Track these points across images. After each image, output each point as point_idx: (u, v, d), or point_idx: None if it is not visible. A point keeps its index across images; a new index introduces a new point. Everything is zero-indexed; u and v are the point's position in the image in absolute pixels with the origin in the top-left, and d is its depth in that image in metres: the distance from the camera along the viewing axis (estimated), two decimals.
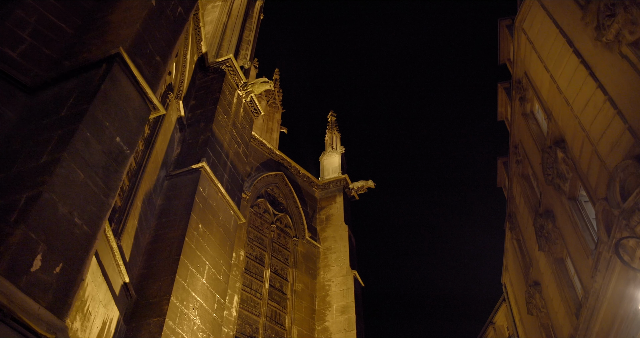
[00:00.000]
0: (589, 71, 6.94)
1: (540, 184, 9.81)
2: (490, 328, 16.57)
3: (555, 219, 9.05)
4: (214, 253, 10.82)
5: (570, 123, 7.76)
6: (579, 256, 8.00)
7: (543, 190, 9.68)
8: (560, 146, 8.30)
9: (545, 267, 9.94)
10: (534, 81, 9.37)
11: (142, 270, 9.68)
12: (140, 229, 9.90)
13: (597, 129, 6.93)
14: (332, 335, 13.73)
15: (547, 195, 9.43)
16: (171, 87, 11.84)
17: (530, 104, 10.38)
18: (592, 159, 7.09)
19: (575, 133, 7.59)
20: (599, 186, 6.97)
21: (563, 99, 7.89)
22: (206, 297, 10.07)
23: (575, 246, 8.09)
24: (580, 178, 7.67)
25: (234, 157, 13.21)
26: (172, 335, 8.71)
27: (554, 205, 9.08)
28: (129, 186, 9.59)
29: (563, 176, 8.36)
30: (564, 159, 8.24)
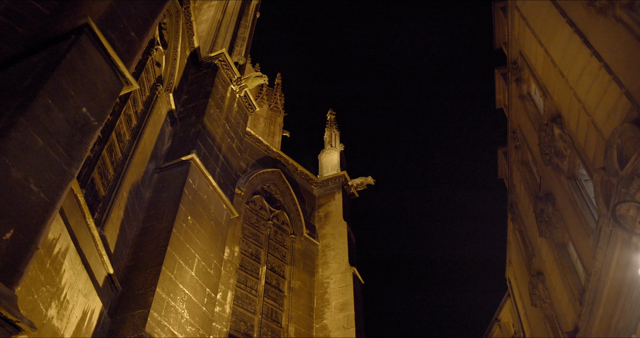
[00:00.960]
0: (582, 39, 6.63)
1: (539, 168, 9.45)
2: (496, 326, 16.07)
3: (555, 202, 8.67)
4: (204, 246, 10.53)
5: (566, 96, 7.43)
6: (581, 238, 7.61)
7: (542, 173, 9.31)
8: (556, 122, 7.95)
9: (548, 255, 9.54)
10: (528, 58, 9.05)
11: (128, 263, 9.41)
12: (126, 221, 9.64)
13: (592, 98, 6.60)
14: (330, 332, 13.34)
15: (546, 177, 9.06)
16: (161, 80, 11.66)
17: (526, 85, 10.04)
18: (589, 131, 6.76)
19: (571, 105, 7.26)
20: (596, 158, 6.63)
21: (558, 72, 7.57)
22: (195, 291, 9.76)
23: (576, 227, 7.71)
24: (578, 153, 7.32)
25: (226, 151, 12.97)
26: (157, 327, 8.40)
27: (554, 187, 8.71)
28: (114, 176, 9.36)
29: (561, 154, 8.00)
30: (560, 136, 7.89)
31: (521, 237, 11.86)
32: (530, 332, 12.48)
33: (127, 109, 10.01)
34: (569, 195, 7.91)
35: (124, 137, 9.87)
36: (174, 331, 8.78)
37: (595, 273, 6.70)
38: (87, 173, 8.25)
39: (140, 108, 10.69)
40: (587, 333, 7.34)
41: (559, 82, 7.69)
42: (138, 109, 10.59)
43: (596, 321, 7.00)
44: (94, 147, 8.61)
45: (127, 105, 9.91)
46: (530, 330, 12.47)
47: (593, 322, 7.09)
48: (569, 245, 8.78)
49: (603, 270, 6.48)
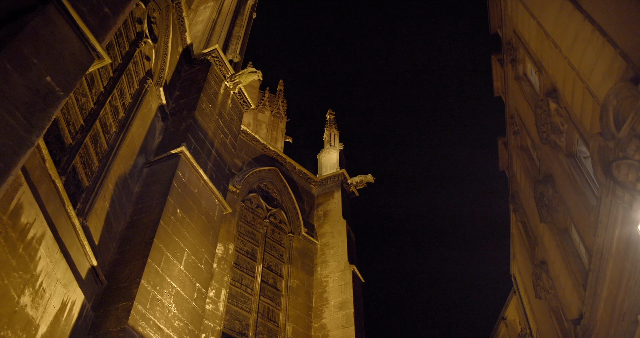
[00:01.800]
0: (574, 4, 6.34)
1: (538, 151, 9.09)
2: (502, 324, 15.53)
3: (555, 183, 8.29)
4: (194, 240, 10.24)
5: (560, 66, 7.12)
6: (582, 219, 7.23)
7: (541, 155, 8.94)
8: (552, 96, 7.62)
9: (550, 242, 9.14)
10: (522, 35, 8.76)
11: (114, 256, 9.14)
12: (113, 214, 9.39)
13: (587, 64, 6.29)
14: (329, 332, 12.92)
15: (545, 158, 8.69)
16: (150, 74, 11.49)
17: (522, 66, 9.74)
18: (584, 99, 6.42)
19: (566, 76, 6.94)
20: (593, 127, 6.29)
21: (551, 43, 7.27)
22: (184, 285, 9.45)
23: (577, 208, 7.33)
24: (575, 126, 6.98)
25: (219, 147, 12.74)
26: (141, 320, 8.09)
27: (553, 167, 8.34)
28: (99, 167, 9.14)
29: (558, 129, 7.66)
30: (557, 110, 7.55)
31: (524, 228, 11.45)
32: (536, 326, 11.99)
33: (114, 100, 9.82)
34: (568, 174, 7.54)
35: (110, 128, 9.67)
36: (159, 325, 8.46)
37: (597, 251, 6.31)
38: (68, 160, 8.02)
39: (128, 100, 10.50)
40: (592, 318, 6.93)
41: (552, 53, 7.38)
42: (126, 101, 10.41)
43: (601, 304, 6.59)
44: (75, 135, 8.41)
45: (113, 96, 9.72)
46: (536, 325, 11.98)
47: (597, 305, 6.68)
48: (571, 229, 8.39)
49: (605, 247, 6.10)
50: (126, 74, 10.37)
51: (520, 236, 12.01)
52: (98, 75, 9.13)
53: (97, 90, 9.10)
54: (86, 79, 8.68)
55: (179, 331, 8.91)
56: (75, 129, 8.39)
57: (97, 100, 9.07)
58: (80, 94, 8.53)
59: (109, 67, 9.56)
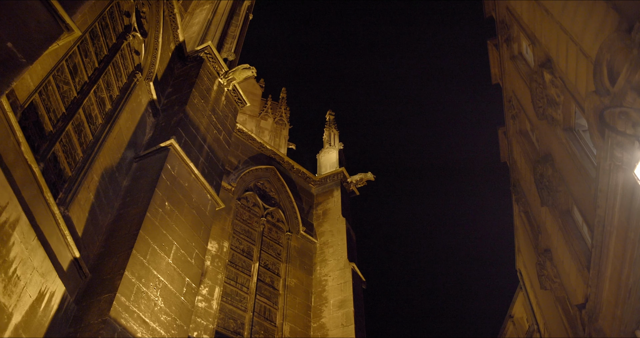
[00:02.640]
0: None
1: (537, 131, 8.73)
2: (510, 323, 14.98)
3: (554, 161, 7.91)
4: (184, 234, 9.96)
5: (553, 33, 6.81)
6: (583, 194, 6.84)
7: (539, 135, 8.59)
8: (546, 67, 7.30)
9: (552, 226, 8.74)
10: (514, 10, 8.48)
11: (100, 250, 8.88)
12: (98, 206, 9.15)
13: (579, 24, 5.97)
14: (328, 331, 12.49)
15: (543, 137, 8.33)
16: (140, 68, 11.34)
17: (516, 44, 9.42)
18: (578, 62, 6.10)
19: (559, 41, 6.63)
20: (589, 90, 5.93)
21: (543, 11, 6.98)
22: (172, 279, 9.15)
23: (577, 183, 6.93)
24: (571, 94, 6.63)
25: (212, 142, 12.51)
26: (124, 312, 7.77)
27: (551, 145, 7.98)
28: (83, 157, 8.94)
29: (554, 102, 7.31)
30: (552, 81, 7.21)
31: (527, 219, 11.03)
32: (544, 321, 11.48)
33: (100, 91, 9.65)
34: (566, 149, 7.18)
35: (95, 119, 9.48)
36: (145, 318, 8.14)
37: (598, 224, 5.92)
38: (48, 147, 7.81)
39: (115, 93, 10.33)
40: (597, 300, 6.52)
41: (545, 21, 7.08)
42: (113, 93, 10.24)
43: (605, 283, 6.18)
44: (57, 122, 8.21)
45: (99, 87, 9.56)
46: (543, 319, 11.47)
47: (602, 285, 6.27)
48: (573, 210, 7.99)
49: (607, 219, 5.71)
50: (113, 66, 10.21)
51: (524, 227, 11.58)
52: (82, 64, 8.97)
53: (80, 79, 8.92)
54: (68, 67, 8.52)
55: (166, 326, 8.58)
56: (57, 116, 8.19)
57: (80, 90, 8.90)
58: (62, 82, 8.36)
59: (94, 57, 9.40)
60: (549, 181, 8.17)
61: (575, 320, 7.87)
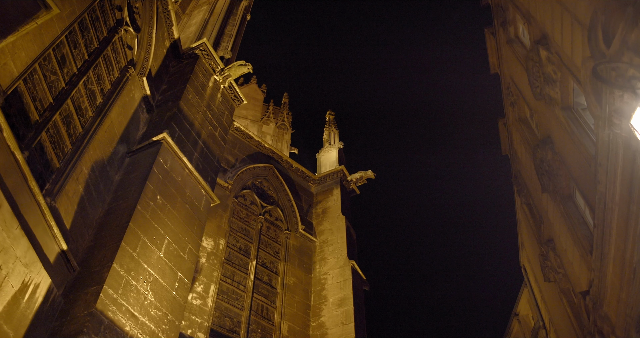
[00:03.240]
0: None
1: (535, 115, 8.47)
2: (515, 321, 14.58)
3: (554, 143, 7.64)
4: (177, 228, 9.75)
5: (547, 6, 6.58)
6: (583, 175, 6.56)
7: (538, 119, 8.32)
8: (542, 43, 7.05)
9: (554, 213, 8.45)
10: None
11: (89, 243, 8.69)
12: (88, 199, 8.97)
13: None
14: (328, 330, 12.18)
15: (542, 120, 8.06)
16: (133, 63, 11.23)
17: (512, 27, 9.20)
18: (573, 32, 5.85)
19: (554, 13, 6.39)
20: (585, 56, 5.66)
21: None
22: (164, 273, 8.93)
23: (578, 163, 6.65)
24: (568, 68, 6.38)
25: (207, 138, 12.35)
26: (112, 305, 7.55)
27: (550, 126, 7.71)
28: (72, 149, 8.78)
29: (551, 79, 7.07)
30: (548, 58, 6.97)
31: (529, 210, 10.73)
32: (549, 316, 11.13)
33: (90, 84, 9.52)
34: (565, 128, 6.91)
35: (85, 112, 9.34)
36: (134, 312, 7.91)
37: (599, 201, 5.63)
38: (33, 136, 7.66)
39: (107, 87, 10.20)
40: (601, 284, 6.22)
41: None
42: (105, 87, 10.11)
43: (609, 265, 5.89)
44: (43, 112, 8.07)
45: (89, 80, 9.43)
46: (549, 314, 11.11)
47: (606, 267, 5.97)
48: (574, 195, 7.71)
49: (608, 195, 5.43)
50: (105, 59, 10.10)
51: (526, 220, 11.27)
52: (70, 55, 8.85)
53: (69, 70, 8.80)
54: (56, 57, 8.39)
55: (157, 320, 8.35)
56: (43, 106, 8.05)
57: (69, 81, 8.77)
58: (49, 71, 8.23)
59: (83, 49, 9.28)
60: (549, 165, 7.90)
61: (580, 309, 7.55)
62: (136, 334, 7.77)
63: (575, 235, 7.52)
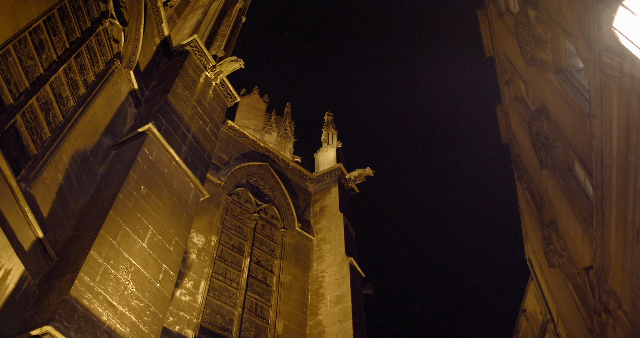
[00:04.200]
0: None
1: (530, 88, 8.08)
2: (523, 318, 13.96)
3: (549, 112, 7.23)
4: (162, 220, 9.44)
5: None
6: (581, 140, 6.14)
7: (532, 90, 7.91)
8: (529, 3, 6.67)
9: (555, 191, 8.00)
10: None
11: (70, 234, 8.38)
12: (69, 189, 8.70)
13: None
14: (325, 328, 11.69)
15: (536, 89, 7.66)
16: (119, 56, 11.07)
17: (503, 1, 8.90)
18: None
19: None
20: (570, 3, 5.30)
21: None
22: (147, 264, 8.58)
23: (574, 127, 6.22)
24: (558, 24, 6.02)
25: (197, 133, 12.10)
26: (88, 292, 7.21)
27: (544, 95, 7.32)
28: (51, 137, 8.54)
29: (541, 41, 6.69)
30: (537, 17, 6.58)
31: (531, 196, 10.28)
32: (556, 307, 10.57)
33: (72, 73, 9.34)
34: (559, 92, 6.50)
35: (67, 101, 9.13)
36: (112, 301, 7.56)
37: (596, 158, 5.18)
38: (7, 119, 7.43)
39: (91, 78, 10.02)
40: (604, 252, 5.76)
41: None
42: (88, 78, 9.92)
43: (612, 231, 5.45)
44: (18, 96, 7.86)
45: (71, 69, 9.25)
46: (556, 305, 10.56)
47: (608, 233, 5.50)
48: (574, 167, 7.28)
49: (604, 149, 4.97)
50: (88, 50, 9.94)
51: (528, 207, 10.81)
52: (50, 41, 8.67)
53: (48, 57, 8.61)
54: (33, 42, 8.21)
55: (138, 311, 7.97)
56: (19, 90, 7.84)
57: (48, 68, 8.58)
58: (25, 56, 8.03)
59: (64, 37, 9.11)
60: (546, 137, 7.49)
61: (585, 288, 7.07)
62: (114, 324, 7.40)
63: (576, 209, 7.09)
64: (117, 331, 7.40)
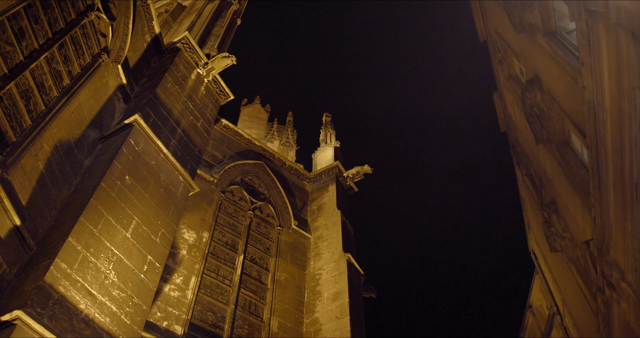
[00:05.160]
0: None
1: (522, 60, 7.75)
2: (529, 314, 13.42)
3: (541, 80, 6.88)
4: (148, 211, 9.17)
5: None
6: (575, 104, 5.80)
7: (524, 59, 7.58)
8: None
9: (552, 167, 7.62)
10: None
11: (51, 223, 8.12)
12: (50, 178, 8.48)
13: None
14: (322, 325, 11.26)
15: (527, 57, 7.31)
16: (107, 50, 10.94)
17: None
18: None
19: None
20: None
21: None
22: (130, 254, 8.29)
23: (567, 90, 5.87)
24: None
25: (188, 127, 11.89)
26: (64, 279, 6.91)
27: (536, 63, 6.96)
28: (32, 125, 8.35)
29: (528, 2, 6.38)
30: None
31: (530, 182, 9.90)
32: (561, 297, 10.09)
33: (55, 63, 9.19)
34: (550, 54, 6.16)
35: (49, 90, 8.97)
36: (91, 290, 7.26)
37: (589, 112, 4.82)
38: None
39: (76, 70, 9.87)
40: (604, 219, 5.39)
41: None
42: (73, 70, 9.77)
43: (610, 193, 5.06)
44: None
45: (53, 58, 9.11)
46: (561, 295, 10.08)
47: (606, 195, 5.10)
48: (570, 138, 6.92)
49: (597, 100, 4.61)
50: (73, 42, 9.81)
51: (530, 196, 10.41)
52: (30, 29, 8.54)
53: (29, 45, 8.47)
54: (12, 28, 8.07)
55: (120, 302, 7.66)
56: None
57: (29, 55, 8.43)
58: (3, 41, 7.89)
59: (46, 26, 8.99)
60: (540, 109, 7.16)
61: (586, 263, 6.66)
62: (93, 313, 7.09)
63: (574, 181, 6.72)
64: (95, 320, 7.08)
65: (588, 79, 4.79)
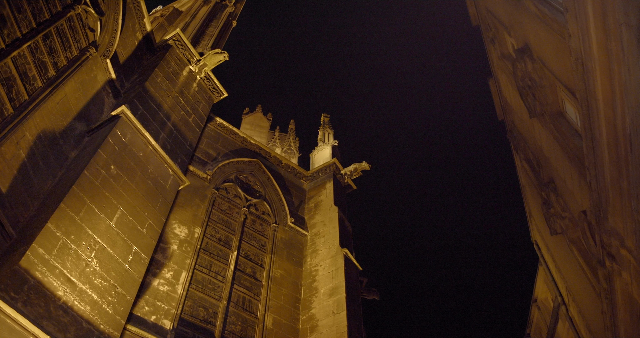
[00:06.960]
0: None
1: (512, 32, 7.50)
2: (534, 308, 12.95)
3: (531, 48, 6.57)
4: (134, 202, 8.95)
5: None
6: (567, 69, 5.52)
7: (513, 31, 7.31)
8: None
9: (548, 142, 7.32)
10: None
11: (33, 213, 7.91)
12: (33, 168, 8.29)
13: None
14: (318, 321, 10.90)
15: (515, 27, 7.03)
16: (95, 44, 10.84)
17: None
18: None
19: None
20: None
21: None
22: (114, 243, 8.05)
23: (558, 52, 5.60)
24: None
25: (178, 122, 11.72)
26: (41, 265, 6.67)
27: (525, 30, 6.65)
28: (13, 114, 8.20)
29: None
30: None
31: (529, 166, 9.58)
32: (566, 285, 9.69)
33: (40, 54, 9.08)
34: (538, 16, 5.87)
35: (33, 80, 8.84)
36: (70, 277, 7.01)
37: (577, 64, 4.51)
38: None
39: (62, 62, 9.76)
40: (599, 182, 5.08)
41: None
42: (59, 62, 9.66)
43: (603, 150, 4.72)
44: None
45: (37, 48, 9.00)
46: (565, 283, 9.67)
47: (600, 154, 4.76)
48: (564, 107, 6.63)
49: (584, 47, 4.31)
50: (59, 34, 9.71)
51: (529, 182, 10.07)
52: (12, 18, 8.44)
53: (11, 33, 8.36)
54: None
55: (102, 291, 7.40)
56: None
57: (10, 43, 8.31)
58: None
59: (30, 16, 8.89)
60: (531, 79, 6.89)
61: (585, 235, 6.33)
62: (72, 300, 6.83)
63: (569, 150, 6.42)
64: (74, 308, 6.82)
65: (573, 24, 4.56)
